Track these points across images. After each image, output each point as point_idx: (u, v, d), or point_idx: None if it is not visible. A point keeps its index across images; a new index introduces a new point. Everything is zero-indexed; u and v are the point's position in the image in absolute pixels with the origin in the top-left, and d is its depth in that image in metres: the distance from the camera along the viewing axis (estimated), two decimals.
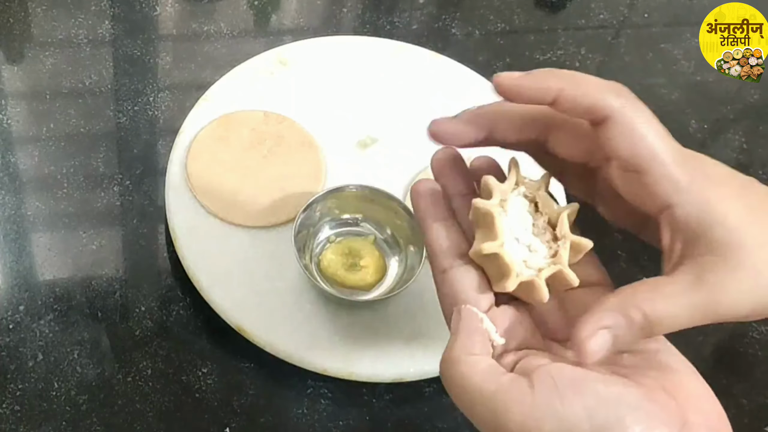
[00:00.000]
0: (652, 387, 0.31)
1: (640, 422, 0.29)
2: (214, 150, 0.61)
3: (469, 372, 0.32)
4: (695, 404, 0.31)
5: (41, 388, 0.51)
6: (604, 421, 0.29)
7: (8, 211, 0.59)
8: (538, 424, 0.30)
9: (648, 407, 0.30)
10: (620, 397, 0.30)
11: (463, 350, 0.33)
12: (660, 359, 0.32)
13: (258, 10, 0.76)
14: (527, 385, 0.30)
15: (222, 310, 0.53)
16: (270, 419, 0.52)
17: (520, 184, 0.35)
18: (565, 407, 0.30)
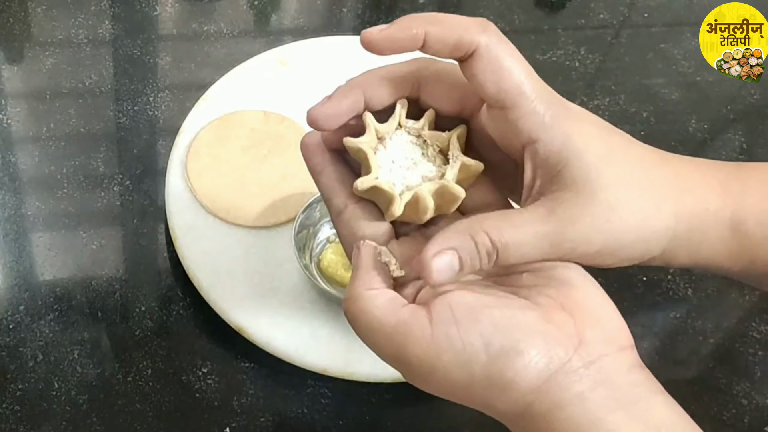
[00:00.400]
0: (550, 306, 0.31)
1: (535, 346, 0.29)
2: (214, 150, 0.61)
3: (369, 307, 0.32)
4: (592, 319, 0.31)
5: (41, 388, 0.51)
6: (500, 348, 0.30)
7: (8, 211, 0.59)
8: (438, 355, 0.30)
9: (543, 329, 0.30)
10: (515, 323, 0.30)
11: (363, 286, 0.33)
12: (558, 275, 0.32)
13: (258, 10, 0.76)
14: (426, 317, 0.31)
15: (222, 310, 0.53)
16: (270, 419, 0.52)
17: (403, 126, 0.35)
18: (462, 337, 0.30)
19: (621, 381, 0.30)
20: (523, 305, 0.31)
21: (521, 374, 0.30)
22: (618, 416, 0.29)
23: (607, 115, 0.72)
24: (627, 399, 0.30)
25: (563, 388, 0.29)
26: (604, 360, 0.30)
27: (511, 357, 0.29)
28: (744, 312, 0.62)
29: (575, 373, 0.29)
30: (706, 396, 0.56)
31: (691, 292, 0.61)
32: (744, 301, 0.62)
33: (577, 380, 0.29)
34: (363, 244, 0.34)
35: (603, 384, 0.30)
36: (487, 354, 0.30)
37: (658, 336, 0.58)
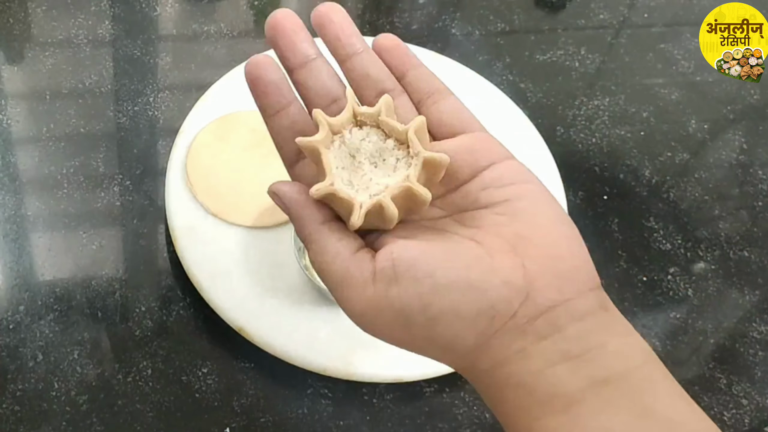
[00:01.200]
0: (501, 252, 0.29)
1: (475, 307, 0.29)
2: (214, 150, 0.61)
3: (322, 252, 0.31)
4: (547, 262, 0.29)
5: (41, 388, 0.51)
6: (438, 311, 0.29)
7: (8, 211, 0.59)
8: (378, 312, 0.30)
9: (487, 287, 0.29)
10: (457, 283, 0.29)
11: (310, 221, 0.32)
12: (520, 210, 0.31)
13: (258, 10, 0.76)
14: (369, 271, 0.30)
15: (222, 310, 0.53)
16: (270, 419, 0.52)
17: (359, 116, 0.33)
18: (401, 298, 0.29)
19: (570, 331, 0.28)
20: (471, 258, 0.29)
21: (461, 337, 0.29)
22: (560, 369, 0.28)
23: (607, 115, 0.72)
24: (573, 351, 0.28)
25: (504, 346, 0.29)
26: (554, 311, 0.29)
27: (449, 320, 0.29)
28: (744, 312, 0.62)
29: (518, 329, 0.28)
30: (706, 396, 0.56)
31: (691, 292, 0.61)
32: (744, 301, 0.62)
33: (519, 336, 0.28)
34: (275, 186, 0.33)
35: (548, 337, 0.28)
36: (426, 317, 0.29)
37: (658, 336, 0.58)
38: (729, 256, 0.64)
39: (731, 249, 0.65)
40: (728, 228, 0.66)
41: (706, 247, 0.65)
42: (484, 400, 0.31)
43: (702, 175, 0.70)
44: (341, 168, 0.32)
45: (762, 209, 0.68)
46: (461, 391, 0.54)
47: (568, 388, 0.28)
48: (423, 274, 0.29)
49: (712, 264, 0.63)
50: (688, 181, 0.69)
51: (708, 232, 0.66)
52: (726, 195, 0.69)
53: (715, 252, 0.64)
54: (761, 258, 0.65)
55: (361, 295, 0.30)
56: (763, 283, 0.63)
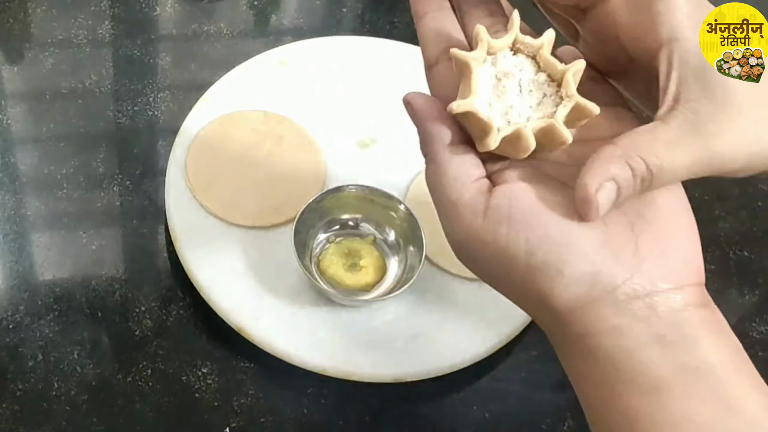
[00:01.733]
0: (618, 226, 0.29)
1: (579, 269, 0.28)
2: (214, 150, 0.61)
3: (441, 173, 0.31)
4: (659, 248, 0.29)
5: (41, 388, 0.51)
6: (543, 261, 0.29)
7: (8, 211, 0.59)
8: (481, 246, 0.30)
9: (595, 254, 0.28)
10: (568, 240, 0.29)
11: (437, 140, 0.31)
12: (649, 195, 0.30)
13: (258, 10, 0.76)
14: (483, 204, 0.30)
15: (222, 310, 0.53)
16: (270, 419, 0.52)
17: (518, 43, 0.32)
18: (508, 238, 0.29)
19: (667, 319, 0.28)
20: (589, 223, 0.29)
21: (556, 293, 0.29)
22: (653, 351, 0.28)
23: None
24: (668, 337, 0.28)
25: (600, 318, 0.28)
26: (655, 297, 0.28)
27: (550, 274, 0.29)
28: (744, 312, 0.62)
29: (616, 306, 0.28)
30: None
31: None
32: (744, 301, 0.62)
33: (616, 313, 0.28)
34: (412, 95, 0.32)
35: (645, 320, 0.28)
36: (527, 263, 0.29)
37: None
38: (729, 256, 0.64)
39: (731, 249, 0.65)
40: (728, 228, 0.66)
41: (705, 247, 0.64)
42: (563, 365, 0.31)
43: None
44: (484, 88, 0.32)
45: (762, 209, 0.68)
46: (461, 391, 0.54)
47: (657, 371, 0.28)
48: (536, 223, 0.29)
49: (712, 264, 0.63)
50: (688, 181, 0.68)
51: (708, 232, 0.66)
52: (726, 195, 0.69)
53: (715, 252, 0.64)
54: (761, 258, 0.65)
55: (469, 223, 0.30)
56: (763, 283, 0.63)
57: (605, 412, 0.29)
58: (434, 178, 0.31)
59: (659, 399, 0.28)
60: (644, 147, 0.29)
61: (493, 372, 0.55)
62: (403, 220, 0.57)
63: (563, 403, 0.54)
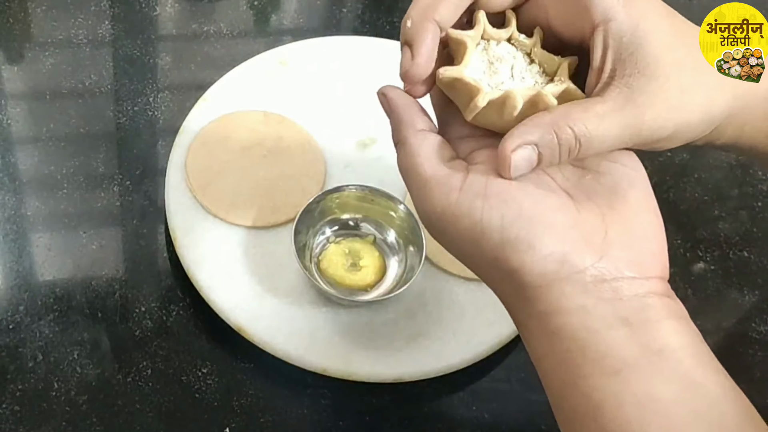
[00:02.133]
0: (590, 213, 0.31)
1: (550, 246, 0.29)
2: (214, 150, 0.61)
3: (413, 153, 0.32)
4: (627, 239, 0.30)
5: (41, 388, 0.51)
6: (515, 236, 0.29)
7: (8, 211, 0.59)
8: (455, 220, 0.30)
9: (567, 234, 0.30)
10: (541, 218, 0.30)
11: (409, 126, 0.33)
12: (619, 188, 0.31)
13: (258, 10, 0.76)
14: (459, 180, 0.31)
15: (222, 310, 0.53)
16: (270, 419, 0.52)
17: (515, 38, 0.34)
18: (483, 212, 0.30)
19: (631, 303, 0.29)
20: (561, 205, 0.30)
21: (527, 268, 0.29)
22: (618, 333, 0.29)
23: None
24: (631, 320, 0.29)
25: (566, 296, 0.29)
26: (620, 282, 0.30)
27: (521, 248, 0.29)
28: (744, 312, 0.62)
29: (583, 285, 0.29)
30: None
31: (691, 292, 0.61)
32: (744, 301, 0.62)
33: (583, 292, 0.29)
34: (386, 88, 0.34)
35: (609, 302, 0.29)
36: (501, 237, 0.30)
37: None
38: (728, 257, 0.64)
39: (731, 249, 0.65)
40: (728, 228, 0.66)
41: (705, 247, 0.65)
42: (528, 347, 0.32)
43: (702, 175, 0.70)
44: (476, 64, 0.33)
45: (761, 209, 0.68)
46: (461, 391, 0.54)
47: (622, 352, 0.29)
48: (512, 200, 0.30)
49: (712, 264, 0.63)
50: (688, 181, 0.69)
51: (707, 232, 0.66)
52: (726, 195, 0.69)
53: (714, 252, 0.64)
54: (761, 258, 0.65)
55: (444, 198, 0.31)
56: (762, 283, 0.63)
57: (569, 392, 0.30)
58: (406, 159, 0.33)
59: (624, 379, 0.29)
60: (576, 117, 0.30)
61: (493, 372, 0.55)
62: (403, 220, 0.57)
63: None
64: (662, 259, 0.31)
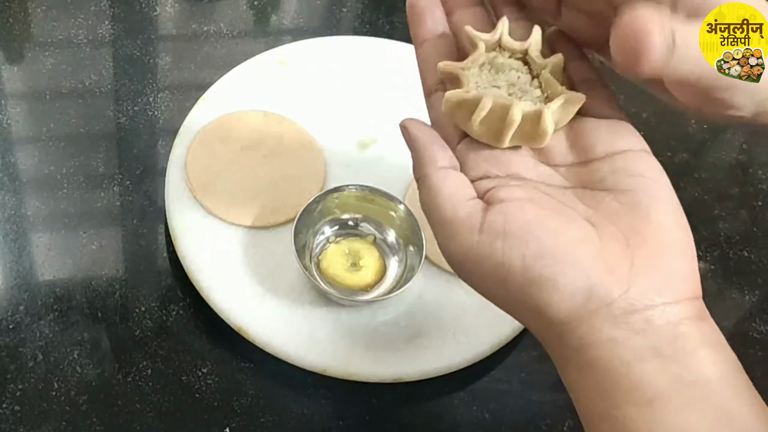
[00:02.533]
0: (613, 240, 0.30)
1: (575, 283, 0.29)
2: (214, 150, 0.61)
3: (435, 192, 0.32)
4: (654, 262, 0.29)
5: (41, 388, 0.51)
6: (538, 275, 0.29)
7: (8, 211, 0.59)
8: (478, 261, 0.30)
9: (591, 268, 0.29)
10: (564, 254, 0.29)
11: (430, 163, 0.32)
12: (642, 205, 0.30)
13: (258, 10, 0.76)
14: (479, 220, 0.30)
15: (222, 310, 0.53)
16: (270, 419, 0.52)
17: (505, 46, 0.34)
18: (504, 253, 0.29)
19: (664, 332, 0.29)
20: (582, 236, 0.30)
21: (553, 306, 0.29)
22: (649, 365, 0.28)
23: None
24: (665, 350, 0.28)
25: (596, 330, 0.29)
26: (651, 311, 0.29)
27: (546, 287, 0.29)
28: (744, 312, 0.62)
29: (613, 318, 0.29)
30: None
31: None
32: (744, 301, 0.62)
33: (613, 325, 0.29)
34: (408, 121, 0.33)
35: (641, 333, 0.28)
36: (524, 277, 0.29)
37: None
38: (729, 256, 0.64)
39: (731, 249, 0.65)
40: (728, 228, 0.66)
41: (705, 247, 0.65)
42: (562, 377, 0.31)
43: (702, 175, 0.70)
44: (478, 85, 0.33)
45: (762, 209, 0.68)
46: (461, 391, 0.54)
47: (654, 383, 0.28)
48: (532, 238, 0.29)
49: (712, 264, 0.63)
50: (688, 181, 0.69)
51: (708, 232, 0.66)
52: (726, 195, 0.69)
53: (714, 252, 0.64)
54: (761, 258, 0.65)
55: (466, 240, 0.30)
56: (763, 283, 0.63)
57: (603, 422, 0.29)
58: (428, 198, 0.32)
59: (657, 411, 0.28)
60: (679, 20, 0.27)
61: (493, 372, 0.55)
62: (403, 220, 0.57)
63: (563, 403, 0.54)
64: (693, 279, 0.30)
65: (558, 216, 0.30)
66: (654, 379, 0.28)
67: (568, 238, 0.29)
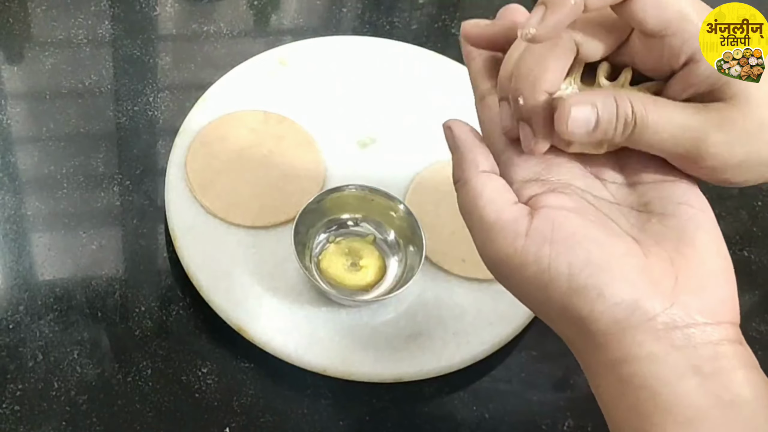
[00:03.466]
0: (658, 258, 0.30)
1: (620, 294, 0.29)
2: (214, 150, 0.61)
3: (476, 194, 0.31)
4: (697, 284, 0.30)
5: (41, 388, 0.51)
6: (584, 284, 0.29)
7: (8, 211, 0.59)
8: (522, 266, 0.30)
9: (637, 280, 0.29)
10: (610, 265, 0.29)
11: (471, 167, 0.32)
12: (686, 229, 0.31)
13: (258, 10, 0.76)
14: (525, 225, 0.30)
15: (222, 310, 0.53)
16: (270, 419, 0.52)
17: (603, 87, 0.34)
18: (550, 259, 0.29)
19: (704, 351, 0.29)
20: (628, 250, 0.30)
21: (596, 316, 0.29)
22: (689, 383, 0.28)
23: None
24: (704, 369, 0.28)
25: (637, 344, 0.29)
26: (692, 329, 0.29)
27: (591, 297, 0.29)
28: (744, 312, 0.61)
29: (655, 333, 0.29)
30: None
31: None
32: (744, 301, 0.62)
33: (654, 340, 0.29)
34: (453, 122, 0.33)
35: (681, 350, 0.29)
36: (569, 285, 0.29)
37: None
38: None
39: (731, 249, 0.64)
40: (728, 228, 0.66)
41: None
42: (595, 392, 0.31)
43: None
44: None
45: (762, 209, 0.68)
46: (461, 391, 0.54)
47: (694, 402, 0.28)
48: (579, 246, 0.29)
49: None
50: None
51: None
52: (726, 195, 0.69)
53: None
54: (761, 258, 0.65)
55: (510, 243, 0.30)
56: (763, 283, 0.63)
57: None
58: (468, 200, 0.32)
59: (695, 429, 0.28)
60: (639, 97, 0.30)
61: (493, 372, 0.55)
62: (403, 220, 0.57)
63: (563, 403, 0.54)
64: (733, 305, 0.31)
65: (604, 228, 0.30)
66: (693, 398, 0.28)
67: (614, 249, 0.30)
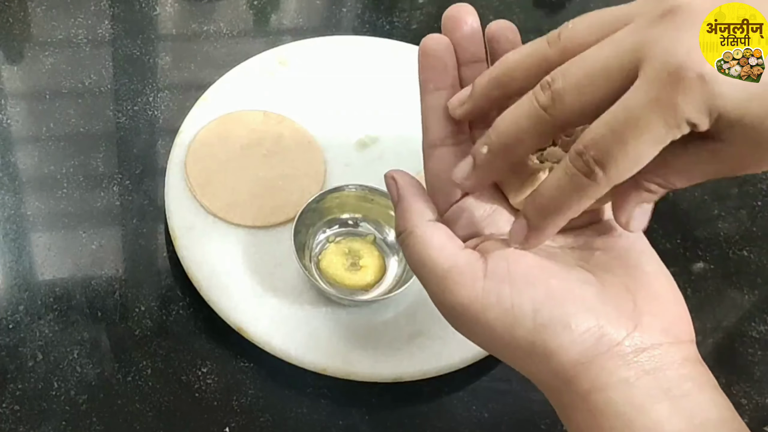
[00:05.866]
0: (613, 285, 0.30)
1: (585, 322, 0.29)
2: (214, 150, 0.61)
3: (424, 244, 0.31)
4: (655, 306, 0.30)
5: (41, 388, 0.51)
6: (549, 318, 0.29)
7: (8, 211, 0.59)
8: (484, 309, 0.30)
9: (599, 307, 0.29)
10: (571, 295, 0.29)
11: (415, 217, 0.32)
12: (631, 259, 0.31)
13: (258, 10, 0.76)
14: (481, 269, 0.30)
15: (222, 310, 0.53)
16: (270, 419, 0.52)
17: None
18: (512, 298, 0.29)
19: (671, 373, 0.29)
20: (584, 279, 0.30)
21: (565, 348, 0.29)
22: (662, 407, 0.28)
23: None
24: (674, 391, 0.29)
25: (608, 371, 0.29)
26: (657, 349, 0.29)
27: (558, 329, 0.29)
28: (744, 312, 0.62)
29: (623, 358, 0.29)
30: None
31: (690, 292, 0.61)
32: (744, 301, 0.62)
33: (623, 365, 0.29)
34: (396, 172, 0.33)
35: (651, 373, 0.29)
36: (534, 321, 0.29)
37: None
38: (728, 256, 0.64)
39: (730, 249, 0.65)
40: (727, 228, 0.66)
41: (705, 246, 0.65)
42: (566, 425, 0.31)
43: None
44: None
45: (761, 209, 0.68)
46: (461, 391, 0.54)
47: (668, 427, 0.28)
48: (538, 281, 0.29)
49: (711, 264, 0.63)
50: None
51: (707, 231, 0.66)
52: (725, 195, 0.69)
53: (714, 252, 0.64)
54: (760, 258, 0.65)
55: (469, 288, 0.30)
56: (762, 283, 0.63)
57: None
58: (417, 249, 0.32)
59: None
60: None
61: (493, 372, 0.55)
62: None
63: None
64: (688, 323, 0.31)
65: (557, 262, 0.31)
66: (667, 423, 0.28)
67: (572, 280, 0.30)
